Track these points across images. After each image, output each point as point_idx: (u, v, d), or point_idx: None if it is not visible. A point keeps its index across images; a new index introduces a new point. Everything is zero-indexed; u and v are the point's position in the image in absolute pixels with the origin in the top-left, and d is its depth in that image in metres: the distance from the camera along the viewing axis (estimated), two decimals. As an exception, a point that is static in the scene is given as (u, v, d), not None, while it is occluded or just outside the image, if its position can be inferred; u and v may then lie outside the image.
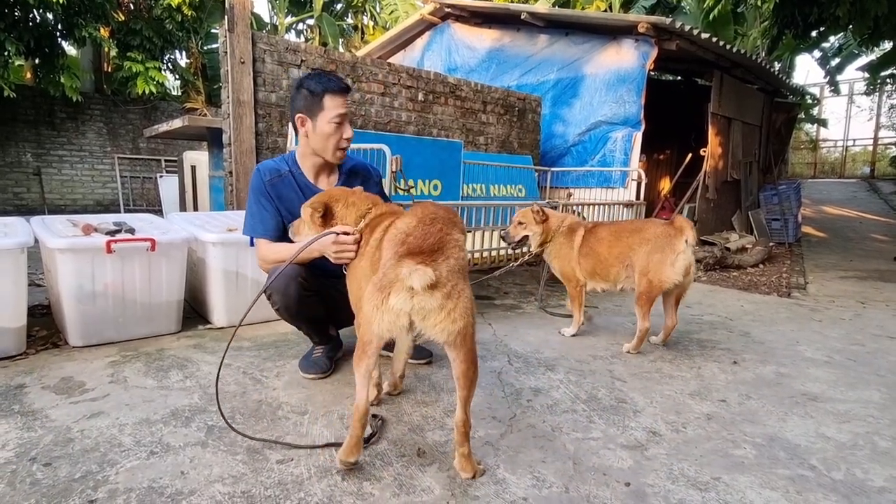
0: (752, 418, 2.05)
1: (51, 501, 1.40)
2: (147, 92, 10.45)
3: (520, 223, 3.17)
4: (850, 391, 2.37)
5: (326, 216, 1.93)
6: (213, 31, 12.28)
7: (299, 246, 1.91)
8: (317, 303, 2.28)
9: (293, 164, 2.33)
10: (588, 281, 3.08)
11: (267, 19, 16.01)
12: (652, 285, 2.75)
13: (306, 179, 2.32)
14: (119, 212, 10.38)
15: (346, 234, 1.87)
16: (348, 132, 2.23)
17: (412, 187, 4.57)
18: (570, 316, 3.51)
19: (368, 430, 1.74)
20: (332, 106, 2.16)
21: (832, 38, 12.23)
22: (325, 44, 14.28)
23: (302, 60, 4.45)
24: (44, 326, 2.85)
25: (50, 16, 8.68)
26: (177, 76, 12.92)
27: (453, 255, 1.50)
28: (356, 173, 2.43)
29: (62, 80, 9.19)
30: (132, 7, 11.25)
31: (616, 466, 1.66)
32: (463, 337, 1.47)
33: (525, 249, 3.30)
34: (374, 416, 1.89)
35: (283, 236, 2.23)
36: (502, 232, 3.29)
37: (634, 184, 6.05)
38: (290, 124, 2.26)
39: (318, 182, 2.34)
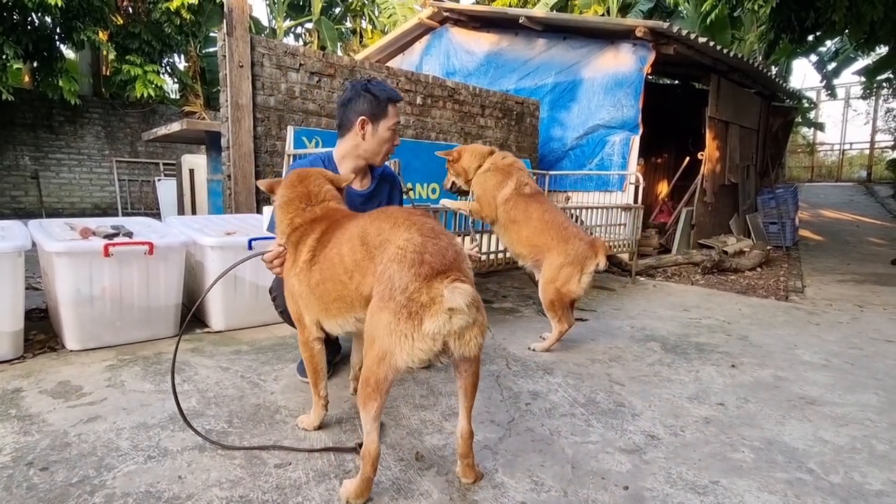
0: (751, 422, 2.05)
1: (47, 506, 1.40)
2: (145, 95, 10.45)
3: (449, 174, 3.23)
4: (848, 395, 2.37)
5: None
6: (211, 34, 12.29)
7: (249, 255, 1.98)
8: None
9: (330, 163, 2.34)
10: (503, 232, 3.08)
11: (265, 23, 16.03)
12: (559, 294, 2.85)
13: None
14: (117, 215, 10.37)
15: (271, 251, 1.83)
16: (398, 139, 2.36)
17: (410, 190, 4.57)
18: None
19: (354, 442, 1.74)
20: (393, 114, 2.30)
21: (829, 43, 12.27)
22: (323, 47, 14.29)
23: (300, 64, 4.46)
24: (41, 330, 2.85)
25: (48, 19, 8.69)
26: (175, 80, 12.93)
27: (466, 264, 1.43)
28: (385, 179, 2.50)
29: (60, 83, 9.19)
30: (131, 11, 11.25)
31: (614, 470, 1.66)
32: (481, 349, 1.42)
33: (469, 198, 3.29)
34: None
35: None
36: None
37: (632, 187, 6.06)
38: (338, 125, 2.30)
39: (353, 184, 2.36)
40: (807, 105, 14.39)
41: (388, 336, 1.33)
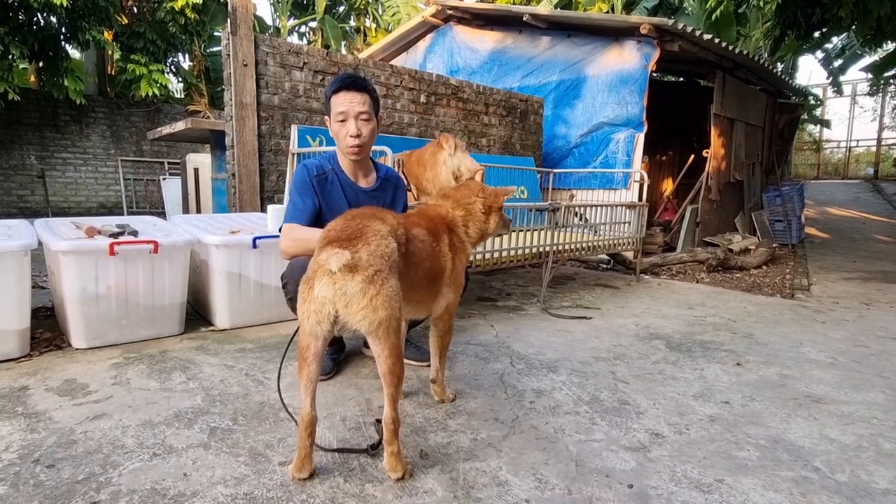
0: (756, 420, 2.04)
1: (54, 503, 1.40)
2: (150, 94, 10.48)
3: None
4: (855, 393, 2.36)
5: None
6: (215, 33, 12.32)
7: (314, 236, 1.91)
8: None
9: (334, 163, 2.36)
10: None
11: (269, 22, 16.13)
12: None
13: (347, 177, 2.35)
14: (122, 214, 10.43)
15: None
16: (352, 129, 2.18)
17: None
18: (575, 317, 3.51)
19: (376, 438, 1.75)
20: (337, 104, 2.18)
21: (835, 39, 12.22)
22: (327, 46, 14.31)
23: (304, 63, 4.46)
24: (47, 328, 2.87)
25: (54, 19, 8.72)
26: (180, 79, 12.97)
27: (373, 241, 1.48)
28: (389, 180, 2.48)
29: (66, 83, 9.23)
30: (135, 10, 11.30)
31: (619, 468, 1.66)
32: (386, 329, 1.44)
33: None
34: (378, 420, 1.88)
35: (316, 221, 2.28)
36: None
37: (637, 185, 6.05)
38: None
39: (359, 181, 2.37)
40: (813, 102, 14.31)
41: (298, 303, 1.49)
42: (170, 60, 11.80)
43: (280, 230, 2.30)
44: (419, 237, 1.79)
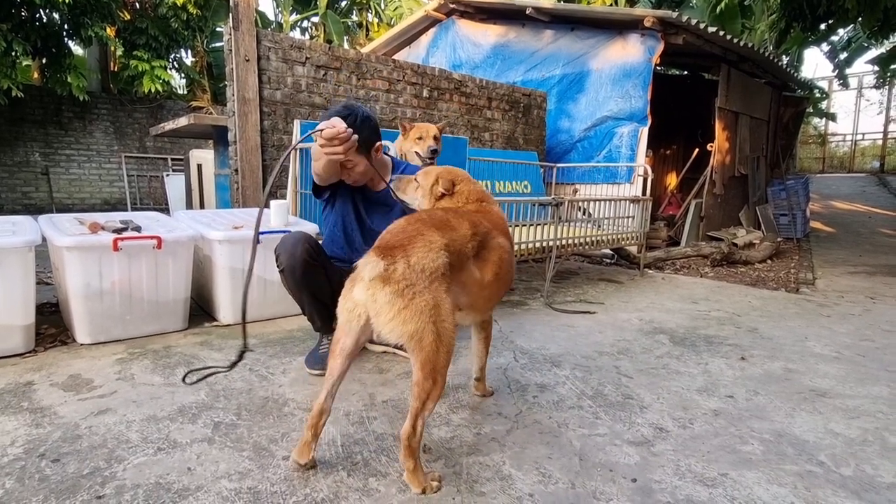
0: (760, 414, 2.04)
1: (59, 497, 1.41)
2: (153, 91, 10.49)
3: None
4: (860, 387, 2.35)
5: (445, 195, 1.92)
6: (218, 29, 12.31)
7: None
8: (323, 277, 2.33)
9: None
10: None
11: (272, 17, 16.03)
12: None
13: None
14: (126, 210, 10.46)
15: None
16: (344, 176, 2.30)
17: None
18: (578, 312, 3.51)
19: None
20: None
21: (841, 31, 12.09)
22: (329, 41, 14.27)
23: (307, 58, 4.45)
24: (52, 324, 2.88)
25: (56, 16, 8.73)
26: (182, 75, 12.97)
27: (416, 254, 1.44)
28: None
29: (69, 79, 9.24)
30: (137, 6, 11.29)
31: (622, 462, 1.65)
32: (418, 342, 1.40)
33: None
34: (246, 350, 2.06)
35: (327, 189, 2.41)
36: None
37: (641, 179, 6.02)
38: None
39: (367, 183, 2.46)
40: (818, 95, 14.20)
41: (341, 298, 1.51)
42: (172, 56, 11.80)
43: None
44: (496, 242, 1.76)
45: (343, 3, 16.45)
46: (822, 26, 7.34)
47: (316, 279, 2.31)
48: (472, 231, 1.65)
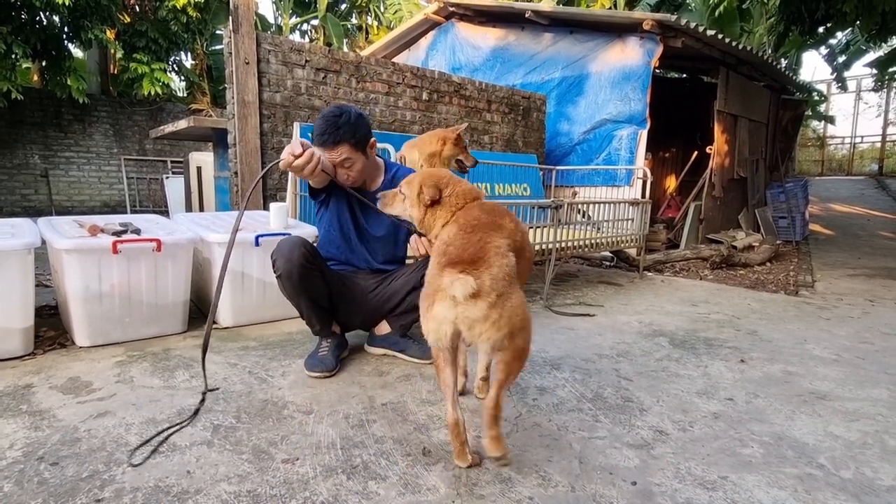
0: (760, 417, 2.03)
1: (58, 500, 1.41)
2: (153, 93, 10.50)
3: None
4: (859, 389, 2.35)
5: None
6: (217, 32, 12.33)
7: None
8: (321, 280, 2.34)
9: None
10: None
11: (271, 20, 16.11)
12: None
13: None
14: (126, 213, 10.45)
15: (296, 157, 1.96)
16: (341, 175, 2.32)
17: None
18: (578, 315, 3.51)
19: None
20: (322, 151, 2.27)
21: (839, 35, 12.14)
22: (329, 44, 14.30)
23: (306, 60, 4.46)
24: (51, 327, 2.87)
25: (56, 18, 8.74)
26: (182, 77, 12.98)
27: (496, 262, 1.49)
28: (396, 181, 2.50)
29: (69, 82, 9.25)
30: (137, 9, 11.31)
31: (622, 465, 1.65)
32: (510, 339, 1.47)
33: None
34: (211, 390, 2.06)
35: (322, 191, 2.41)
36: None
37: (640, 182, 6.03)
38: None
39: (361, 185, 2.47)
40: (817, 98, 14.25)
41: (421, 315, 1.57)
42: (172, 59, 11.81)
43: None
44: (526, 237, 1.84)
45: (343, 6, 16.50)
46: (821, 29, 7.36)
47: (313, 283, 2.31)
48: (513, 224, 1.72)
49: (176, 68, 12.41)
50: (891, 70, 11.80)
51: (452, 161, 3.24)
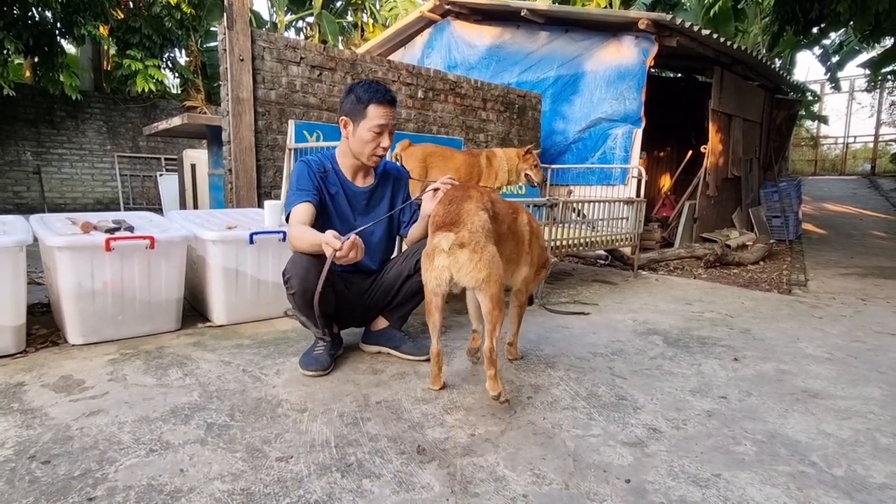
0: (753, 415, 2.04)
1: (50, 499, 1.40)
2: (146, 90, 10.43)
3: None
4: (851, 388, 2.36)
5: None
6: (212, 28, 12.26)
7: (314, 240, 2.08)
8: (332, 297, 2.35)
9: (333, 162, 2.45)
10: None
11: (266, 17, 15.98)
12: None
13: (345, 177, 2.46)
14: (119, 210, 10.39)
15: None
16: (385, 142, 2.32)
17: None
18: (573, 313, 3.51)
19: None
20: (375, 115, 2.27)
21: (833, 35, 12.20)
22: (324, 41, 14.25)
23: (301, 58, 4.44)
24: (43, 324, 2.85)
25: (49, 14, 8.66)
26: (176, 74, 12.91)
27: (469, 220, 1.93)
28: (388, 175, 2.58)
29: (62, 78, 9.18)
30: (131, 5, 11.23)
31: (616, 463, 1.66)
32: (487, 282, 1.90)
33: None
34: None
35: (321, 213, 2.33)
36: None
37: (635, 181, 6.04)
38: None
39: (356, 181, 2.48)
40: (811, 98, 14.32)
41: (423, 271, 2.02)
42: (166, 56, 11.74)
43: (287, 217, 2.34)
44: (501, 206, 2.19)
45: (338, 4, 16.43)
46: (815, 30, 7.38)
47: (327, 300, 2.30)
48: (479, 193, 2.10)
49: (170, 65, 12.34)
50: (884, 70, 11.86)
51: (523, 175, 4.15)
